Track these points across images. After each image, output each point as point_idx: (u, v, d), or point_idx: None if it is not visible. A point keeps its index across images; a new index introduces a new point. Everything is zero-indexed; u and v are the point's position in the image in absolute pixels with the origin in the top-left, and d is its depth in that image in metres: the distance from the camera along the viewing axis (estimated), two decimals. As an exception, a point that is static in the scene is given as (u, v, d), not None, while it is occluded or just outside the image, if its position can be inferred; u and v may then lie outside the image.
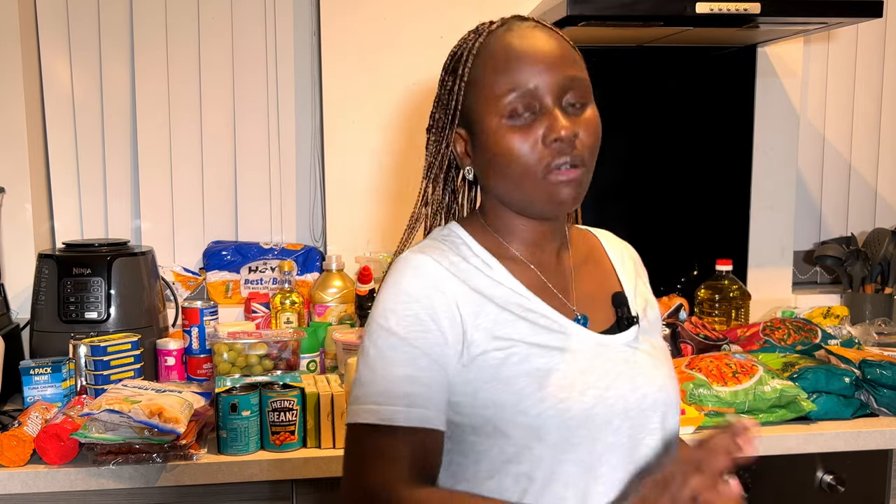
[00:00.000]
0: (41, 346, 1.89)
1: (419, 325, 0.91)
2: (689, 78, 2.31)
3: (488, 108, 0.95)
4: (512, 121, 0.93)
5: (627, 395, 0.94)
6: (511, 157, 0.93)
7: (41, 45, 2.20)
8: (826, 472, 1.68)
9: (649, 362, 0.99)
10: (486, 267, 0.97)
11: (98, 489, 1.49)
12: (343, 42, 2.17)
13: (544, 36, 0.96)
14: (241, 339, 1.67)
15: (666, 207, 2.34)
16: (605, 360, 0.96)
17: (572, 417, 0.89)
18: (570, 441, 0.90)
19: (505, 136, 0.93)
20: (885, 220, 2.57)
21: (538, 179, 0.93)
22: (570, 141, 0.92)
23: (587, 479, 0.91)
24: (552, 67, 0.93)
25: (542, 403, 0.89)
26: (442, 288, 0.93)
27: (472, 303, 0.93)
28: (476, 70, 0.96)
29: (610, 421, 0.92)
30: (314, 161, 2.35)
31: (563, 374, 0.91)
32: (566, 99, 0.94)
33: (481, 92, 0.95)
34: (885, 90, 2.53)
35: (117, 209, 2.29)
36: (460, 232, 1.01)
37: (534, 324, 0.94)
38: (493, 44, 0.96)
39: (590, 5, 1.75)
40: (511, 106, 0.93)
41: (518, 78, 0.93)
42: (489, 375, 0.91)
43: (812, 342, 1.97)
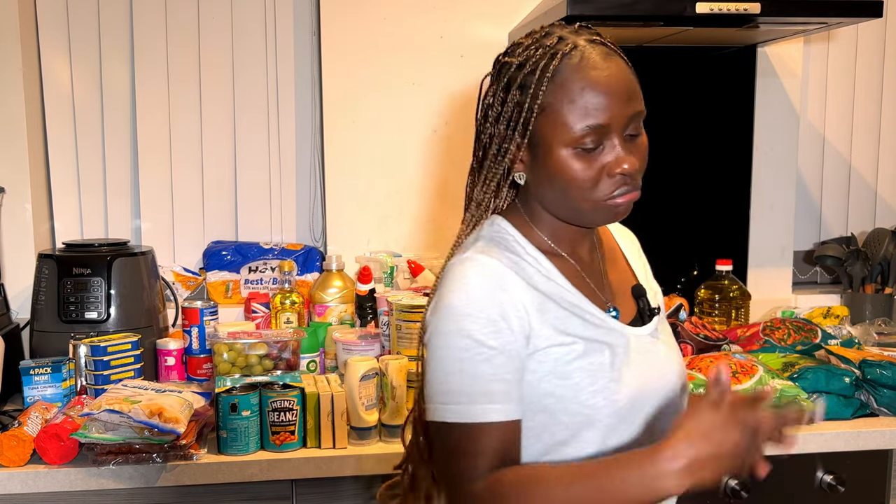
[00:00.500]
0: (41, 346, 1.89)
1: (492, 326, 0.96)
2: (689, 78, 2.31)
3: (558, 136, 0.97)
4: (578, 151, 0.97)
5: (655, 382, 1.04)
6: (574, 182, 0.98)
7: (41, 44, 2.20)
8: (826, 472, 1.68)
9: (666, 351, 1.09)
10: (538, 264, 1.03)
11: (98, 489, 1.49)
12: (343, 42, 2.17)
13: (616, 68, 0.98)
14: (241, 339, 1.67)
15: (666, 207, 2.34)
16: (638, 351, 1.04)
17: (621, 407, 0.99)
18: (615, 427, 0.99)
19: (570, 162, 0.98)
20: (885, 220, 2.57)
21: (597, 204, 0.99)
22: (633, 175, 0.99)
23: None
24: (622, 107, 0.97)
25: (596, 396, 0.98)
26: (507, 287, 0.98)
27: (536, 299, 0.99)
28: (549, 96, 0.97)
29: (644, 407, 1.02)
30: (314, 161, 2.35)
31: (610, 368, 1.00)
32: (628, 130, 0.99)
33: (553, 118, 0.98)
34: (885, 90, 2.53)
35: (117, 209, 2.29)
36: (508, 227, 1.06)
37: (584, 320, 1.02)
38: (568, 71, 0.97)
39: (590, 5, 1.75)
40: (581, 139, 0.97)
41: (592, 116, 0.96)
42: (550, 368, 0.98)
43: (812, 342, 1.97)
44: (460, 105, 2.22)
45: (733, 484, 1.65)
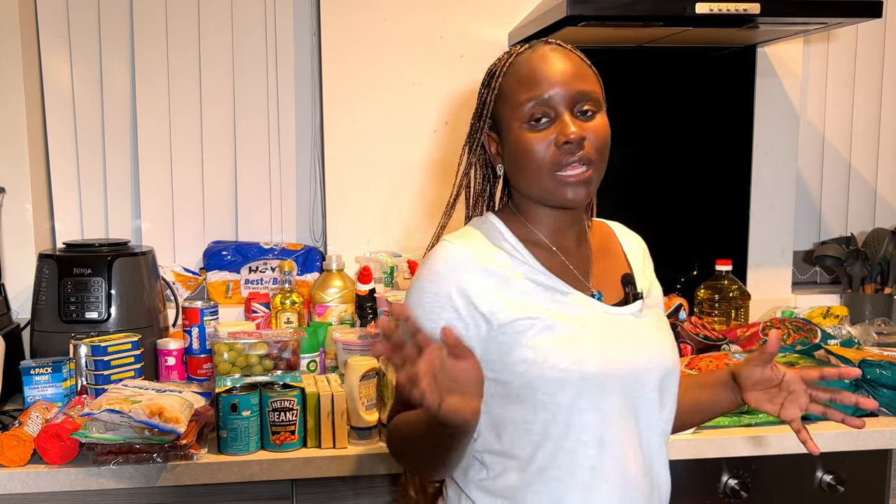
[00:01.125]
0: (41, 346, 1.89)
1: (438, 302, 1.10)
2: (689, 78, 2.31)
3: (513, 115, 1.13)
4: (530, 125, 1.11)
5: (633, 357, 1.12)
6: (528, 155, 1.11)
7: (41, 44, 2.21)
8: (826, 472, 1.68)
9: (652, 331, 1.17)
10: (514, 250, 1.15)
11: (98, 489, 1.49)
12: (343, 42, 2.17)
13: (562, 56, 1.13)
14: (241, 339, 1.67)
15: (666, 207, 2.34)
16: (614, 327, 1.13)
17: (591, 372, 1.07)
18: (587, 391, 1.07)
19: (524, 137, 1.11)
20: (884, 220, 2.57)
21: (551, 175, 1.10)
22: (577, 142, 1.09)
23: (602, 424, 1.09)
24: (566, 81, 1.11)
25: (566, 360, 1.07)
26: (466, 270, 1.11)
27: (498, 280, 1.11)
28: (505, 84, 1.14)
29: (620, 376, 1.10)
30: (314, 161, 2.35)
31: (582, 338, 1.09)
32: (577, 108, 1.11)
33: (508, 102, 1.14)
34: (885, 90, 2.53)
35: (118, 209, 2.29)
36: (494, 220, 1.19)
37: (555, 297, 1.12)
38: (519, 62, 1.14)
39: (590, 5, 1.75)
40: (530, 112, 1.11)
41: (537, 89, 1.11)
42: (518, 339, 1.08)
43: (812, 342, 1.97)
44: (460, 105, 2.22)
45: (733, 484, 1.65)
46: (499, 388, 1.10)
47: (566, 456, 1.08)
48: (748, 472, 1.66)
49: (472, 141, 1.20)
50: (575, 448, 1.08)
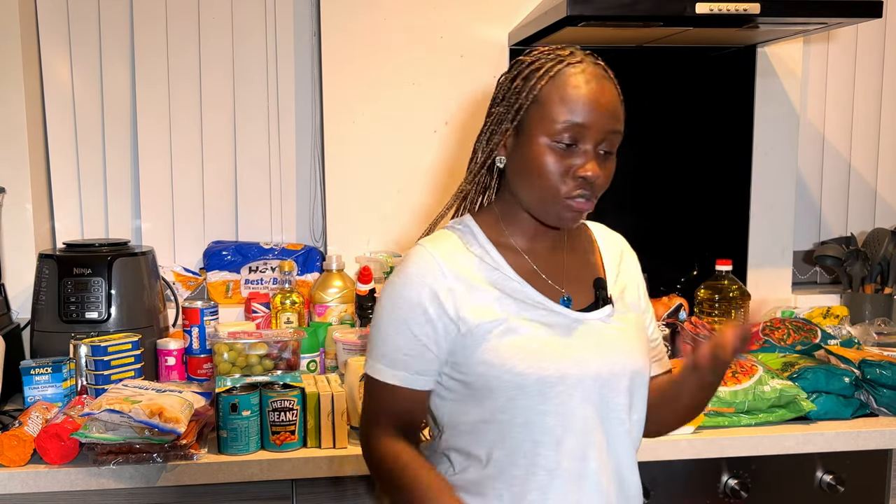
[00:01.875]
0: (42, 346, 1.89)
1: (408, 306, 1.12)
2: (689, 78, 2.31)
3: (542, 127, 1.11)
4: (556, 145, 1.10)
5: (600, 361, 1.13)
6: (545, 174, 1.11)
7: (41, 45, 2.21)
8: (826, 472, 1.68)
9: (620, 336, 1.17)
10: (486, 255, 1.16)
11: (98, 489, 1.49)
12: (343, 42, 2.17)
13: (607, 87, 1.13)
14: (241, 339, 1.67)
15: (666, 207, 2.34)
16: (580, 332, 1.14)
17: (549, 376, 1.09)
18: (547, 395, 1.09)
19: (546, 155, 1.10)
20: (884, 220, 2.57)
21: (557, 199, 1.11)
22: (592, 182, 1.10)
23: (562, 427, 1.10)
24: (603, 119, 1.10)
25: (523, 363, 1.09)
26: (436, 275, 1.12)
27: (466, 286, 1.12)
28: (545, 90, 1.11)
29: (582, 381, 1.11)
30: (314, 161, 2.35)
31: (543, 342, 1.11)
32: (602, 146, 1.12)
33: (542, 110, 1.11)
34: (885, 90, 2.53)
35: (118, 209, 2.29)
36: (471, 223, 1.20)
37: (521, 302, 1.13)
38: (566, 75, 1.11)
39: (590, 5, 1.75)
40: (561, 132, 1.09)
41: (576, 115, 1.09)
42: (482, 342, 1.10)
43: (812, 342, 1.97)
44: (460, 105, 2.22)
45: (733, 484, 1.65)
46: (462, 389, 1.13)
47: (524, 457, 1.10)
48: (748, 472, 1.66)
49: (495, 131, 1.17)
50: (533, 450, 1.10)
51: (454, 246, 1.16)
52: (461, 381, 1.13)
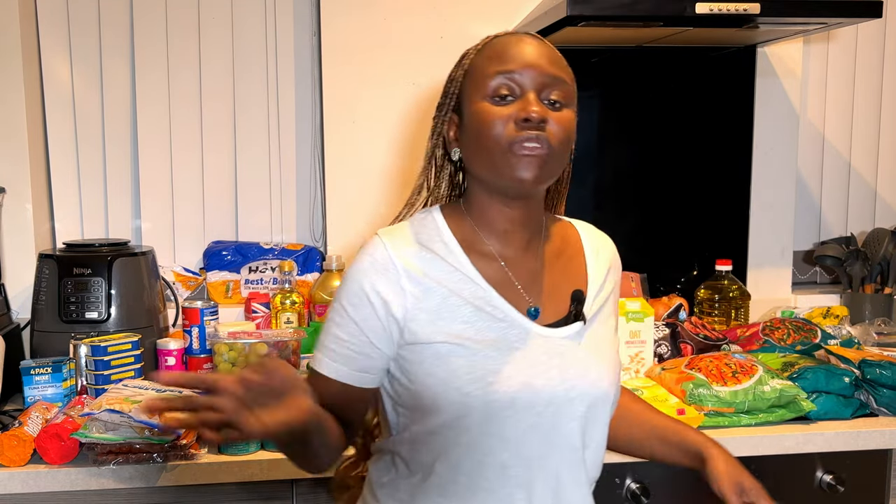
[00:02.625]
0: (42, 346, 1.89)
1: (357, 299, 1.05)
2: (689, 78, 2.31)
3: (476, 90, 1.06)
4: (493, 100, 1.04)
5: (556, 384, 1.04)
6: (485, 128, 1.04)
7: (41, 44, 2.21)
8: (826, 472, 1.68)
9: (587, 357, 1.08)
10: (450, 254, 1.07)
11: (98, 489, 1.49)
12: (343, 42, 2.17)
13: (539, 43, 1.08)
14: (241, 339, 1.67)
15: (666, 207, 2.34)
16: (541, 350, 1.05)
17: (497, 399, 1.01)
18: (493, 418, 1.01)
19: (484, 110, 1.04)
20: (884, 220, 2.57)
21: (504, 150, 1.03)
22: (537, 122, 1.02)
23: (508, 453, 1.03)
24: (539, 64, 1.05)
25: (471, 385, 1.01)
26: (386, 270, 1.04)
27: (418, 286, 1.04)
28: (475, 62, 1.08)
29: (534, 405, 1.02)
30: (314, 161, 2.35)
31: (494, 360, 1.02)
32: (546, 94, 1.05)
33: (474, 77, 1.07)
34: (885, 90, 2.53)
35: (118, 209, 2.29)
36: (437, 217, 1.11)
37: (479, 310, 1.04)
38: (493, 42, 1.09)
39: (590, 5, 1.75)
40: (495, 86, 1.04)
41: (506, 64, 1.05)
42: (431, 352, 1.02)
43: (812, 342, 1.97)
44: (460, 105, 2.21)
45: (733, 484, 1.65)
46: (408, 397, 1.05)
47: (466, 476, 1.04)
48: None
49: (438, 123, 1.13)
50: (476, 470, 1.03)
51: (412, 240, 1.07)
52: (408, 389, 1.05)
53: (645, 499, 1.61)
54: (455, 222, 1.10)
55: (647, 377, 1.82)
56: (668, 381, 1.74)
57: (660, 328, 1.95)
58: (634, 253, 2.30)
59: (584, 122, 2.28)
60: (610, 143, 2.30)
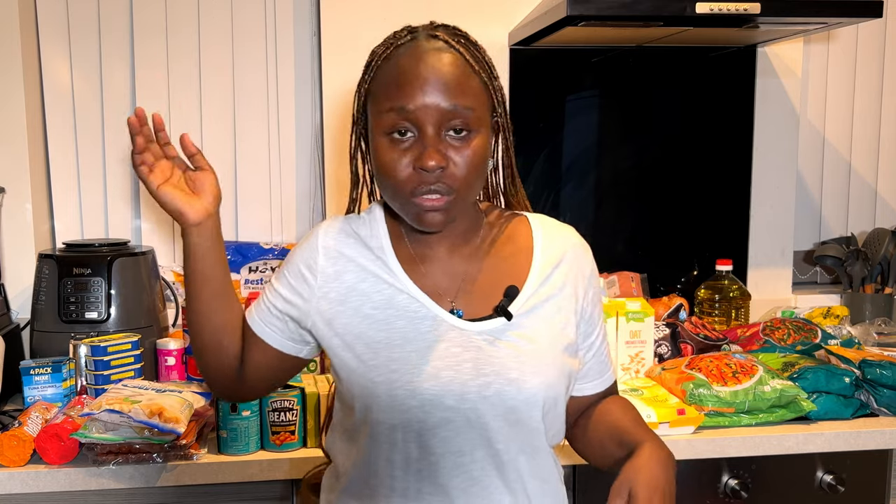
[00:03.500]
0: (41, 346, 1.89)
1: (292, 271, 1.09)
2: (689, 78, 2.31)
3: (376, 122, 1.02)
4: (391, 139, 0.99)
5: (467, 379, 0.99)
6: (387, 171, 1.00)
7: (41, 45, 2.20)
8: (826, 472, 1.68)
9: (511, 354, 1.02)
10: (374, 239, 1.08)
11: (98, 489, 1.49)
12: (343, 42, 2.17)
13: (441, 61, 1.00)
14: (241, 339, 1.67)
15: (666, 207, 2.34)
16: (454, 343, 1.02)
17: (399, 388, 0.99)
18: (398, 409, 0.99)
19: (384, 152, 1.00)
20: (885, 220, 2.57)
21: (406, 198, 1.00)
22: (434, 172, 0.97)
23: (417, 445, 1.00)
24: (436, 94, 0.97)
25: (373, 371, 1.00)
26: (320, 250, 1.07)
27: (339, 265, 1.06)
28: (375, 81, 1.04)
29: (443, 399, 0.99)
30: (314, 161, 2.35)
31: (400, 350, 1.00)
32: (449, 125, 0.98)
33: (375, 103, 1.03)
34: (885, 90, 2.53)
35: (117, 209, 2.29)
36: (378, 213, 1.11)
37: (392, 298, 1.04)
38: (393, 58, 1.03)
39: (590, 5, 1.75)
40: (392, 124, 0.99)
41: (400, 98, 0.98)
42: (344, 343, 1.04)
43: (812, 342, 1.97)
44: (460, 105, 2.21)
45: (733, 484, 1.65)
46: (340, 388, 1.08)
47: (374, 478, 1.03)
48: (748, 472, 1.66)
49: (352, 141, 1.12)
50: (383, 469, 1.02)
51: (343, 224, 1.10)
52: (337, 377, 1.07)
53: (645, 499, 1.61)
54: (394, 221, 1.10)
55: (647, 377, 1.82)
56: (669, 381, 1.73)
57: (660, 328, 1.95)
58: (634, 253, 2.31)
59: (584, 123, 2.30)
60: (610, 143, 2.30)
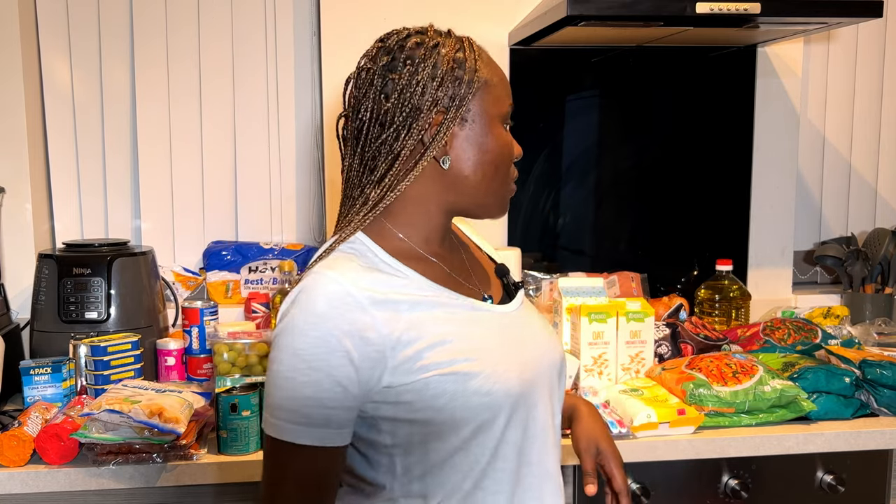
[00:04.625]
0: (41, 346, 1.89)
1: (324, 347, 0.91)
2: (689, 78, 2.31)
3: (496, 110, 1.03)
4: (506, 129, 1.06)
5: (539, 357, 1.05)
6: (504, 157, 1.04)
7: (41, 45, 2.21)
8: (826, 472, 1.68)
9: (539, 324, 1.12)
10: (396, 271, 1.00)
11: (98, 489, 1.49)
12: (343, 42, 2.17)
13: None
14: (241, 339, 1.67)
15: (666, 207, 2.34)
16: (514, 329, 1.05)
17: (514, 386, 0.98)
18: (517, 411, 0.99)
19: (507, 140, 1.05)
20: (885, 220, 2.57)
21: (506, 184, 1.06)
22: None
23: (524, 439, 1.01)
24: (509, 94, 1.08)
25: (489, 380, 0.96)
26: (351, 305, 0.92)
27: (390, 308, 0.94)
28: (484, 75, 1.03)
29: (538, 384, 1.03)
30: (314, 161, 2.35)
31: (491, 349, 0.99)
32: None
33: (490, 93, 1.03)
34: (885, 90, 2.53)
35: (117, 209, 2.29)
36: (364, 239, 1.02)
37: (452, 312, 1.00)
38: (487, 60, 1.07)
39: (590, 5, 1.75)
40: (509, 113, 1.06)
41: (510, 97, 1.07)
42: (430, 371, 0.94)
43: (812, 342, 1.97)
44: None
45: (734, 484, 1.65)
46: (419, 429, 0.96)
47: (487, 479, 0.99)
48: (748, 472, 1.66)
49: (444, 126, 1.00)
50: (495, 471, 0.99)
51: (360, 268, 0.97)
52: (415, 421, 0.95)
53: (645, 499, 1.61)
54: (383, 240, 1.03)
55: (647, 377, 1.82)
56: (669, 381, 1.73)
57: (660, 328, 1.95)
58: (634, 253, 2.31)
59: (584, 123, 2.30)
60: (610, 143, 2.30)
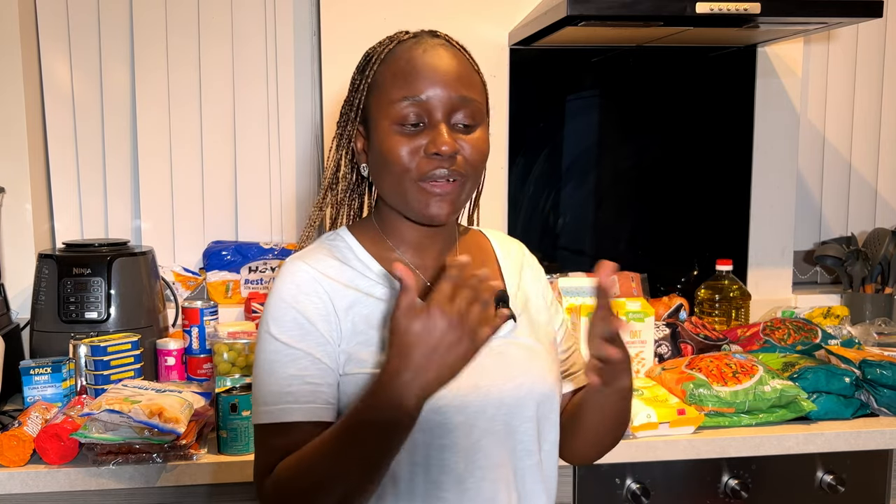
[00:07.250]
0: (41, 346, 1.89)
1: (297, 329, 0.97)
2: (689, 78, 2.31)
3: (383, 111, 1.00)
4: (401, 127, 0.99)
5: (502, 385, 1.01)
6: (393, 159, 0.99)
7: (41, 45, 2.20)
8: (826, 472, 1.68)
9: (525, 355, 1.05)
10: (367, 270, 1.03)
11: (98, 489, 1.49)
12: (343, 42, 2.17)
13: (447, 54, 1.02)
14: (241, 339, 1.67)
15: (666, 207, 2.34)
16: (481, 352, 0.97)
17: (447, 405, 0.96)
18: (446, 427, 0.97)
19: (392, 139, 0.99)
20: (885, 220, 2.57)
21: (414, 183, 0.99)
22: (448, 156, 0.98)
23: (465, 464, 0.98)
24: (446, 84, 0.99)
25: None
26: (314, 290, 0.98)
27: (347, 298, 0.99)
28: (379, 75, 1.02)
29: (485, 409, 0.99)
30: (314, 161, 2.35)
31: None
32: (456, 117, 1.00)
33: (380, 95, 1.01)
34: (885, 90, 2.53)
35: (117, 209, 2.29)
36: (347, 237, 1.07)
37: None
38: (398, 52, 1.02)
39: (590, 5, 1.75)
40: (402, 112, 0.99)
41: (412, 88, 0.99)
42: (370, 363, 0.97)
43: (812, 342, 1.97)
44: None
45: (734, 484, 1.65)
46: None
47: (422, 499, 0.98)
48: (748, 472, 1.66)
49: (342, 135, 1.07)
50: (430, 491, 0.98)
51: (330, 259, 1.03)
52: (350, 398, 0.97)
53: (645, 499, 1.61)
54: (367, 240, 1.06)
55: (647, 377, 1.82)
56: (669, 381, 1.73)
57: (660, 328, 1.95)
58: (634, 253, 2.31)
59: (584, 122, 2.30)
60: (610, 143, 2.30)
